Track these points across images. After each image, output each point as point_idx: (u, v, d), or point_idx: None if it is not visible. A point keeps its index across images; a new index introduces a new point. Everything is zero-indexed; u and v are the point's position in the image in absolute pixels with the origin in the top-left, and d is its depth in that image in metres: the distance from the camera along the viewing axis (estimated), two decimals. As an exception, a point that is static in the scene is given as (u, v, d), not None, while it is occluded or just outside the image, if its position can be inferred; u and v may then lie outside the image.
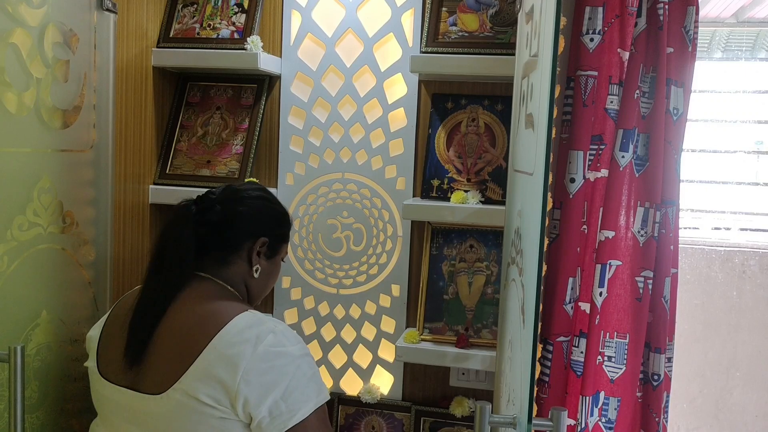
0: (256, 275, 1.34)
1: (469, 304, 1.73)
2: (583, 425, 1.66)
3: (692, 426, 2.85)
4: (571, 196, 1.66)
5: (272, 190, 1.89)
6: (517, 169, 1.37)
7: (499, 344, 1.51)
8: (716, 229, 2.88)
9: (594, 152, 1.65)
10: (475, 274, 1.74)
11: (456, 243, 1.77)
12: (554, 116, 1.05)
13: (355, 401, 1.87)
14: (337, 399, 1.88)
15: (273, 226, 1.38)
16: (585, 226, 1.67)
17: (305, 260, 1.89)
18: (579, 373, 1.68)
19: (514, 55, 1.60)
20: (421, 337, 1.72)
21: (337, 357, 1.89)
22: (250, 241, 1.33)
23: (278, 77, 1.87)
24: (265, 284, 1.40)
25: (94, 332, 1.32)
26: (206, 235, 1.29)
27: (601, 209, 1.67)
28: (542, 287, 1.41)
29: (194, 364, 1.16)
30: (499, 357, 1.52)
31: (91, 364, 1.29)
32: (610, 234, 1.65)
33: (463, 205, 1.66)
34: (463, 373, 1.82)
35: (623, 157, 1.64)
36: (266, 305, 1.92)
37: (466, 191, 1.70)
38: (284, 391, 1.17)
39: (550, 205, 1.66)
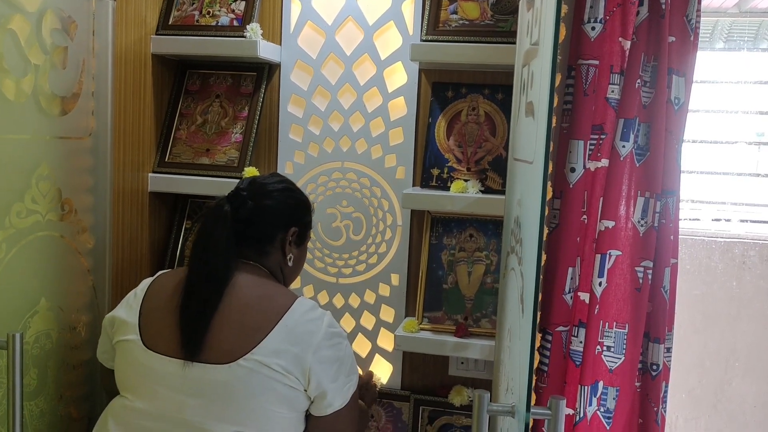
0: (290, 263, 1.42)
1: (469, 293, 1.73)
2: (581, 415, 1.67)
3: (691, 416, 2.86)
4: (571, 186, 1.65)
5: (272, 178, 1.89)
6: (517, 157, 1.36)
7: (498, 333, 1.51)
8: (716, 220, 2.87)
9: (594, 142, 1.64)
10: (475, 263, 1.74)
11: (455, 232, 1.76)
12: (554, 105, 1.05)
13: (354, 390, 1.87)
14: (336, 388, 1.88)
15: (300, 215, 1.44)
16: (585, 216, 1.66)
17: (305, 249, 1.89)
18: (578, 363, 1.68)
19: (515, 43, 1.59)
20: (420, 326, 1.72)
21: (337, 346, 1.89)
22: (282, 232, 1.39)
23: (278, 65, 1.87)
24: (297, 269, 1.48)
25: (125, 311, 1.33)
26: (242, 230, 1.35)
27: (601, 199, 1.66)
28: (541, 277, 1.40)
29: (266, 339, 1.23)
30: (498, 346, 1.52)
31: (132, 337, 1.29)
32: (610, 224, 1.65)
33: (463, 194, 1.66)
34: (462, 363, 1.82)
35: (624, 146, 1.64)
36: (265, 294, 1.92)
37: (465, 180, 1.69)
38: (343, 367, 1.28)
39: (549, 195, 1.66)
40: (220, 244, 1.30)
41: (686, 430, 2.96)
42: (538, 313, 0.99)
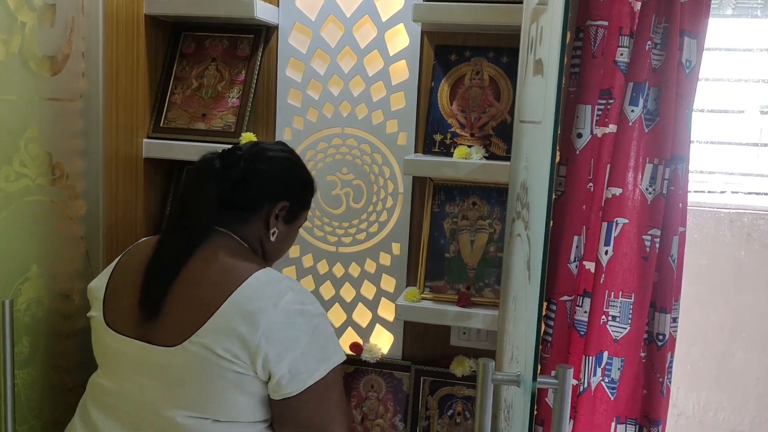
0: (272, 238, 1.32)
1: (471, 262, 1.69)
2: (585, 385, 1.64)
3: (692, 388, 2.84)
4: (577, 152, 1.61)
5: (269, 144, 1.84)
6: (523, 119, 1.31)
7: (503, 302, 1.47)
8: (723, 192, 2.82)
9: (602, 107, 1.59)
10: (478, 231, 1.70)
11: (458, 200, 1.72)
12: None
13: (354, 360, 1.84)
14: (336, 358, 1.85)
15: (295, 190, 1.35)
16: (591, 184, 1.62)
17: (303, 217, 1.84)
18: (582, 333, 1.64)
19: (521, 2, 1.53)
20: (422, 295, 1.68)
21: (336, 316, 1.86)
22: (270, 203, 1.30)
23: (275, 27, 1.80)
24: (280, 248, 1.38)
25: (99, 282, 1.29)
26: (228, 191, 1.26)
27: (609, 166, 1.62)
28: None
29: (212, 318, 1.14)
30: (501, 315, 1.48)
31: (95, 313, 1.26)
32: (618, 191, 1.60)
33: (466, 160, 1.61)
34: (464, 333, 1.79)
35: (633, 111, 1.59)
36: (264, 263, 1.88)
37: (469, 146, 1.64)
38: (304, 350, 1.16)
39: (558, 158, 1.61)
40: (201, 203, 1.23)
41: (687, 402, 2.94)
42: (545, 276, 0.95)
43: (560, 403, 1.00)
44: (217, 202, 1.25)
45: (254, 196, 1.28)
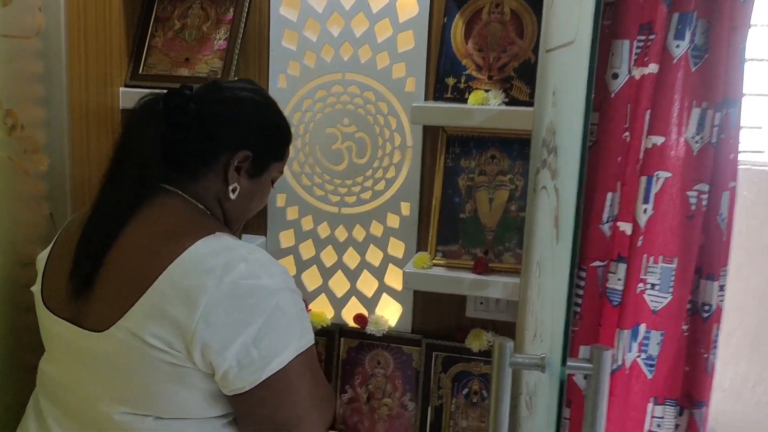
0: (232, 196, 1.09)
1: (490, 223, 1.49)
2: (619, 362, 1.44)
3: (729, 360, 2.63)
4: (612, 95, 1.39)
5: (262, 93, 1.64)
6: (550, 47, 1.10)
7: (525, 268, 1.27)
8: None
9: (642, 43, 1.37)
10: (497, 188, 1.50)
11: (475, 153, 1.51)
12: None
13: (358, 333, 1.66)
14: (339, 331, 1.67)
15: (261, 137, 1.12)
16: (628, 132, 1.40)
17: (302, 175, 1.65)
18: (616, 303, 1.44)
19: None
20: (433, 261, 1.49)
21: (339, 284, 1.68)
22: (227, 154, 1.08)
23: (267, -41, 1.59)
24: (246, 208, 1.15)
25: (44, 253, 1.11)
26: (175, 141, 1.06)
27: (648, 111, 1.40)
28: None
29: (143, 298, 0.94)
30: (524, 283, 1.29)
31: (35, 289, 1.08)
32: (659, 140, 1.38)
33: (484, 106, 1.40)
34: (482, 303, 1.60)
35: (678, 46, 1.36)
36: (259, 227, 1.69)
37: (486, 91, 1.43)
38: (256, 335, 0.95)
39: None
40: (141, 157, 1.02)
41: (723, 375, 2.72)
42: (579, 234, 0.75)
43: (595, 393, 0.81)
44: (163, 154, 1.05)
45: (207, 146, 1.07)
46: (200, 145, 1.06)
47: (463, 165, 1.52)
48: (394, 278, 1.63)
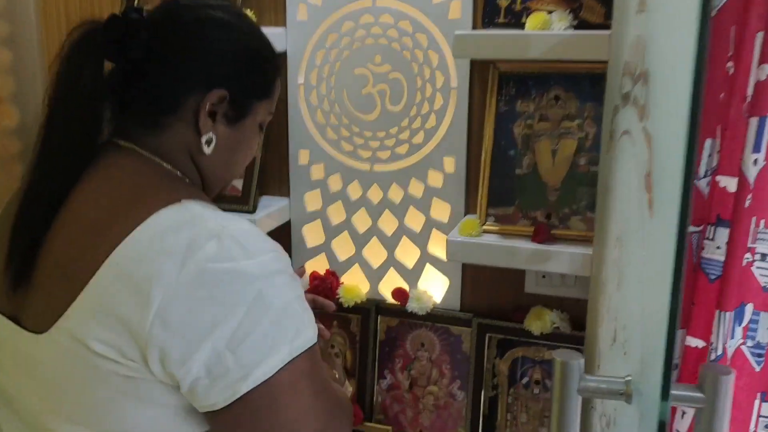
0: (208, 150, 0.84)
1: (553, 180, 1.21)
2: (719, 351, 1.15)
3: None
4: (712, 15, 1.07)
5: (277, 29, 1.38)
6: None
7: (598, 243, 0.99)
8: None
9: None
10: (562, 137, 1.21)
11: (534, 94, 1.23)
12: None
13: (398, 311, 1.42)
14: (376, 308, 1.43)
15: (238, 69, 0.86)
16: (732, 63, 1.09)
17: (326, 127, 1.40)
18: (714, 277, 1.15)
19: None
20: (484, 227, 1.22)
21: (375, 253, 1.43)
22: (196, 95, 0.83)
23: None
24: (228, 164, 0.90)
25: None
26: (124, 82, 0.82)
27: (760, 35, 1.08)
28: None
29: (85, 292, 0.72)
30: (596, 265, 1.01)
31: None
32: (775, 70, 1.07)
33: (545, 32, 1.11)
34: (544, 276, 1.32)
35: (804, -57, 1.03)
36: (281, 187, 1.46)
37: (549, 12, 1.14)
38: (231, 336, 0.71)
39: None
40: (78, 105, 0.79)
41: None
42: (691, 201, 0.47)
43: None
44: (111, 100, 0.81)
45: (168, 86, 0.82)
46: (159, 85, 0.82)
47: (520, 109, 1.23)
48: (439, 246, 1.38)
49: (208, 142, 0.84)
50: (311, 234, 1.46)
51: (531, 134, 1.22)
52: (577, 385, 0.57)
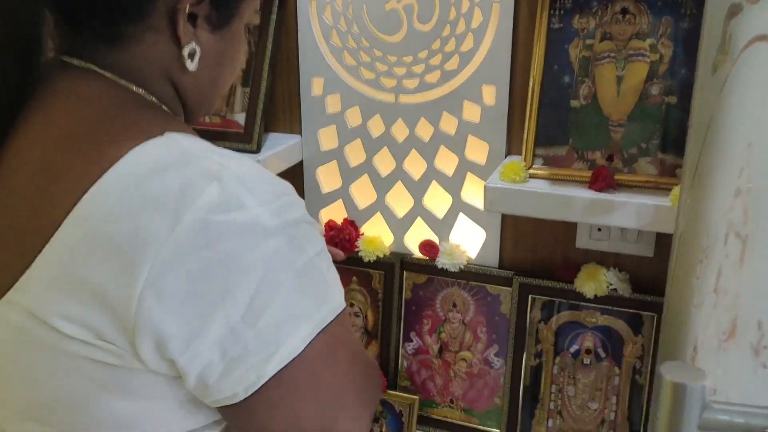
0: (191, 65, 0.65)
1: (617, 114, 0.99)
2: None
3: None
4: None
5: (283, -69, 1.15)
6: None
7: (695, 186, 0.78)
8: None
9: None
10: (630, 60, 0.98)
11: (596, 6, 1.00)
12: None
13: (427, 267, 1.23)
14: (401, 262, 1.25)
15: None
16: None
17: (343, 51, 1.18)
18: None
19: None
20: (530, 171, 1.02)
21: (400, 200, 1.23)
22: None
23: None
24: (216, 80, 0.70)
25: None
26: None
27: None
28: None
29: (42, 256, 0.55)
30: (690, 213, 0.79)
31: None
32: None
33: (615, -76, 0.87)
34: (600, 229, 1.12)
35: None
36: (291, 123, 1.26)
37: None
38: (248, 306, 0.56)
39: None
40: (15, 14, 0.60)
41: None
42: None
43: None
44: (58, 11, 0.62)
45: None
46: None
47: (577, 26, 1.01)
48: (474, 193, 1.17)
49: (191, 55, 0.64)
50: (326, 177, 1.26)
51: (591, 57, 1.00)
52: (698, 418, 0.38)
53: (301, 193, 1.27)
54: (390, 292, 1.26)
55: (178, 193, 0.54)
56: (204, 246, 0.54)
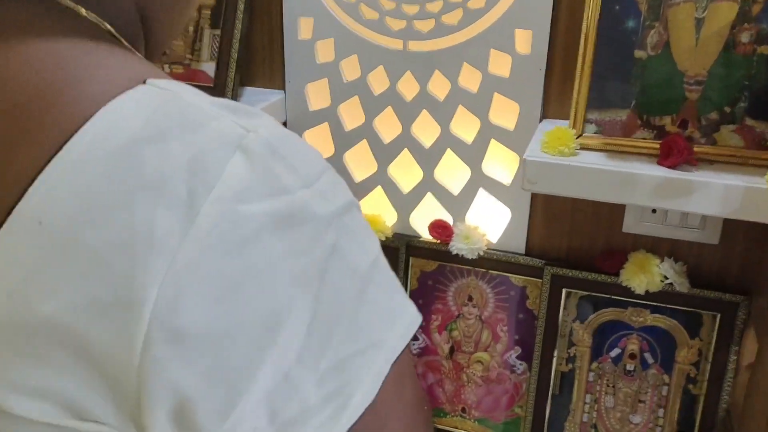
0: None
1: (695, 68, 0.77)
2: None
3: None
4: None
5: None
6: None
7: None
8: None
9: None
10: (714, 0, 0.76)
11: (670, -72, 0.77)
12: None
13: (438, 251, 1.02)
14: (406, 247, 1.04)
15: None
16: None
17: (340, -17, 0.95)
18: None
19: None
20: (580, 140, 0.80)
21: (406, 172, 1.02)
22: None
23: None
24: (183, 8, 0.47)
25: None
26: None
27: None
28: None
29: None
30: None
31: None
32: None
33: None
34: (654, 211, 0.92)
35: None
36: (271, 75, 1.02)
37: None
38: (305, 338, 0.34)
39: None
40: None
41: None
42: None
43: None
44: None
45: None
46: None
47: (644, -46, 0.78)
48: (499, 164, 0.96)
49: None
50: (316, 142, 1.04)
51: (660, -5, 0.78)
52: None
53: (284, 161, 1.05)
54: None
55: (186, 174, 0.32)
56: (234, 253, 0.32)
